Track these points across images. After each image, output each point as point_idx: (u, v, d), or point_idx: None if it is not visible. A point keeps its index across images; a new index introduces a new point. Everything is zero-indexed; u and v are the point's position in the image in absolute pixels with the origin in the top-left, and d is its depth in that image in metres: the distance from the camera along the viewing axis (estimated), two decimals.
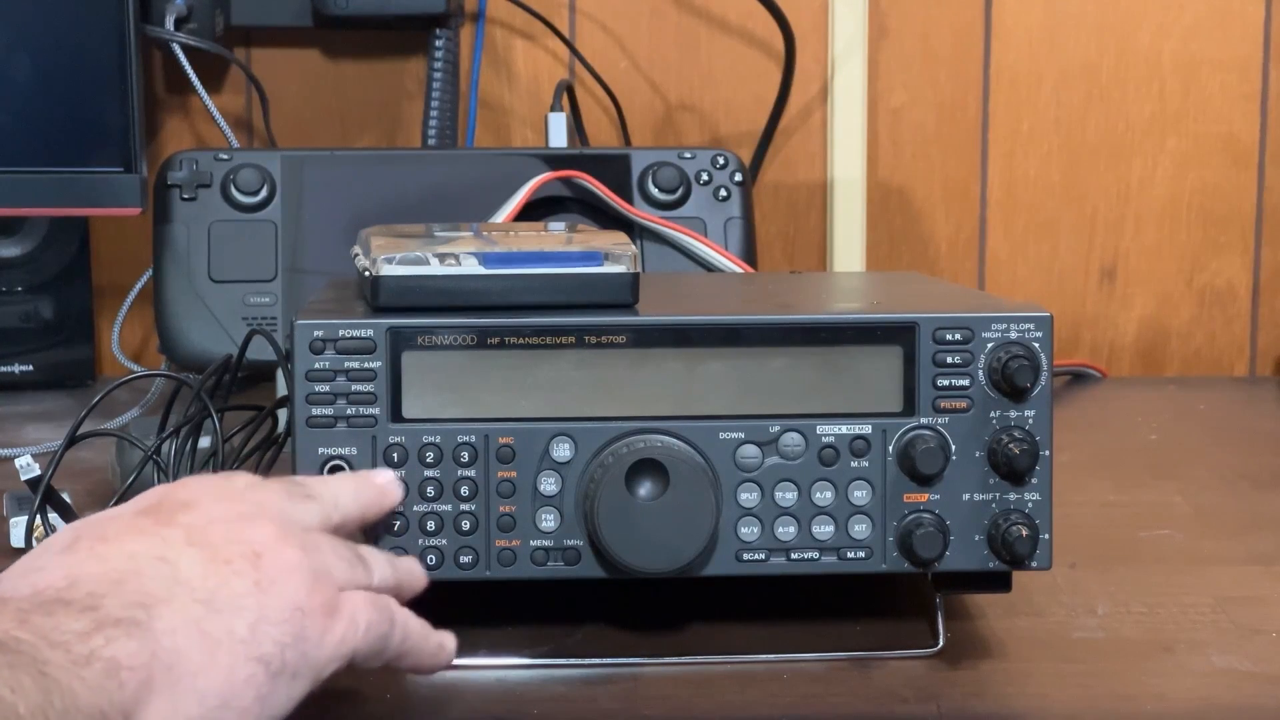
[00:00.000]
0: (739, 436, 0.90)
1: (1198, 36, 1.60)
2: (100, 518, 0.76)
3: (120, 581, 0.71)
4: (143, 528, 0.74)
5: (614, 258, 0.92)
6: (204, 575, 0.72)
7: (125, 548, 0.73)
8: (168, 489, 0.79)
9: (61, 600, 0.69)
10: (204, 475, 0.82)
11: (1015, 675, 0.91)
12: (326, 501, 0.82)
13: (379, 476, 0.88)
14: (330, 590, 0.76)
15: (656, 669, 0.91)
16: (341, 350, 0.89)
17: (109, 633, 0.68)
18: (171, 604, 0.71)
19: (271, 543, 0.75)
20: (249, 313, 1.32)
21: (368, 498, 0.86)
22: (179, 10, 1.45)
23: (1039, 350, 0.90)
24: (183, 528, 0.74)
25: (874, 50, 1.60)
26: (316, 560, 0.76)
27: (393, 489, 0.88)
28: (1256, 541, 1.12)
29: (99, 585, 0.70)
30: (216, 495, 0.78)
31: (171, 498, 0.77)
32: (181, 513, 0.76)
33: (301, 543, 0.76)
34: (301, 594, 0.74)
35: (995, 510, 0.91)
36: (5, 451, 1.30)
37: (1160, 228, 1.63)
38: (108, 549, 0.73)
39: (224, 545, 0.74)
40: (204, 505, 0.76)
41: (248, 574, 0.73)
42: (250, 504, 0.78)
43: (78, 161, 1.32)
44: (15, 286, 1.54)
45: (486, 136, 1.60)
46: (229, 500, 0.77)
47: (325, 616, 0.75)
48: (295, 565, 0.75)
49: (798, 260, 1.62)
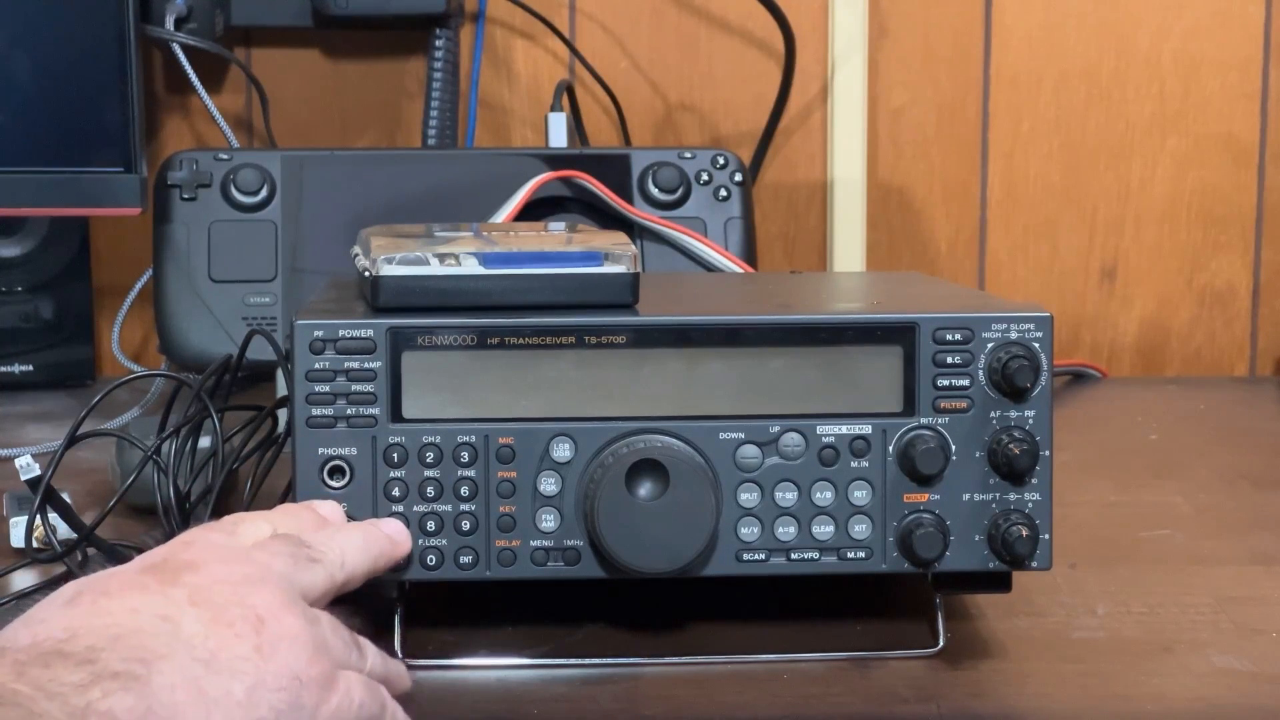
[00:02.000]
0: (739, 436, 0.90)
1: (1198, 36, 1.60)
2: (105, 574, 0.76)
3: (120, 637, 0.70)
4: (146, 585, 0.74)
5: (614, 258, 0.92)
6: (205, 635, 0.72)
7: (128, 603, 0.73)
8: (172, 547, 0.78)
9: (60, 652, 0.69)
10: (210, 531, 0.81)
11: (1015, 675, 0.91)
12: (332, 562, 0.81)
13: (388, 526, 0.88)
14: (328, 664, 0.76)
15: (656, 669, 0.91)
16: (341, 350, 0.89)
17: (106, 685, 0.68)
18: (171, 660, 0.70)
19: (275, 609, 0.75)
20: (249, 313, 1.32)
21: (376, 550, 0.85)
22: (179, 10, 1.45)
23: (1039, 350, 0.90)
24: (187, 588, 0.74)
25: (874, 50, 1.60)
26: (317, 633, 0.76)
27: (403, 539, 0.88)
28: (1256, 541, 1.12)
29: (99, 639, 0.70)
30: (222, 556, 0.77)
31: (176, 557, 0.77)
32: (186, 572, 0.75)
33: (304, 613, 0.76)
34: (301, 663, 0.74)
35: (995, 510, 0.91)
36: (5, 451, 1.30)
37: (1160, 228, 1.63)
38: (110, 604, 0.72)
39: (227, 607, 0.74)
40: (209, 566, 0.76)
41: (249, 638, 0.73)
42: (256, 566, 0.77)
43: (78, 161, 1.32)
44: (15, 286, 1.54)
45: (486, 136, 1.60)
46: (234, 562, 0.77)
47: (321, 689, 0.75)
48: (296, 634, 0.75)
49: (798, 260, 1.62)
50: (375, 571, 0.85)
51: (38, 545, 1.04)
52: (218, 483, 1.00)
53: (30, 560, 1.03)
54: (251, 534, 0.81)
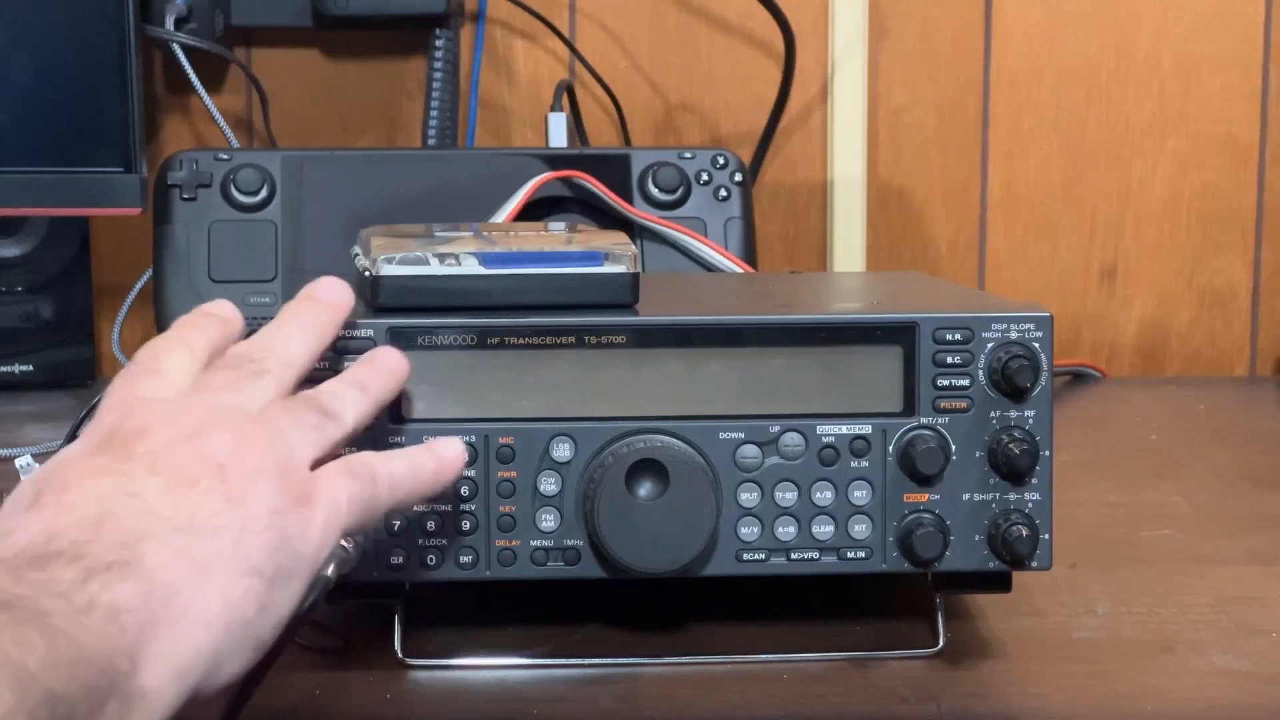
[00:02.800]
0: (739, 436, 0.90)
1: (1198, 36, 1.60)
2: (55, 465, 0.74)
3: (98, 525, 0.69)
4: (102, 467, 0.72)
5: (614, 258, 0.92)
6: (175, 503, 0.71)
7: (90, 492, 0.71)
8: (115, 420, 0.75)
9: (47, 554, 0.67)
10: (138, 380, 0.78)
11: (1015, 675, 0.91)
12: (276, 365, 0.79)
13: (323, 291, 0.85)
14: (300, 478, 0.74)
15: (656, 669, 0.91)
16: (341, 350, 0.89)
17: (103, 578, 0.67)
18: (153, 538, 0.69)
19: (232, 450, 0.73)
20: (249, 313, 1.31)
21: (319, 327, 0.83)
22: (179, 10, 1.45)
23: (1039, 350, 0.90)
24: (142, 458, 0.72)
25: (874, 50, 1.60)
26: (280, 449, 0.74)
27: (343, 299, 0.85)
28: (1256, 541, 1.12)
29: (80, 532, 0.69)
30: (165, 413, 0.75)
31: (123, 429, 0.74)
32: (136, 442, 0.73)
33: (261, 437, 0.74)
34: (274, 495, 0.73)
35: (995, 510, 0.91)
36: (5, 451, 1.30)
37: (1160, 228, 1.63)
38: (74, 496, 0.71)
39: (186, 466, 0.72)
40: (157, 429, 0.74)
41: (216, 490, 0.72)
42: (200, 411, 0.75)
43: (78, 161, 1.32)
44: (15, 286, 1.54)
45: (486, 136, 1.60)
46: (181, 416, 0.75)
47: (302, 508, 0.74)
48: (259, 468, 0.73)
49: (798, 260, 1.62)
50: (324, 346, 0.83)
51: None
52: None
53: None
54: (178, 367, 0.79)
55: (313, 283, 0.86)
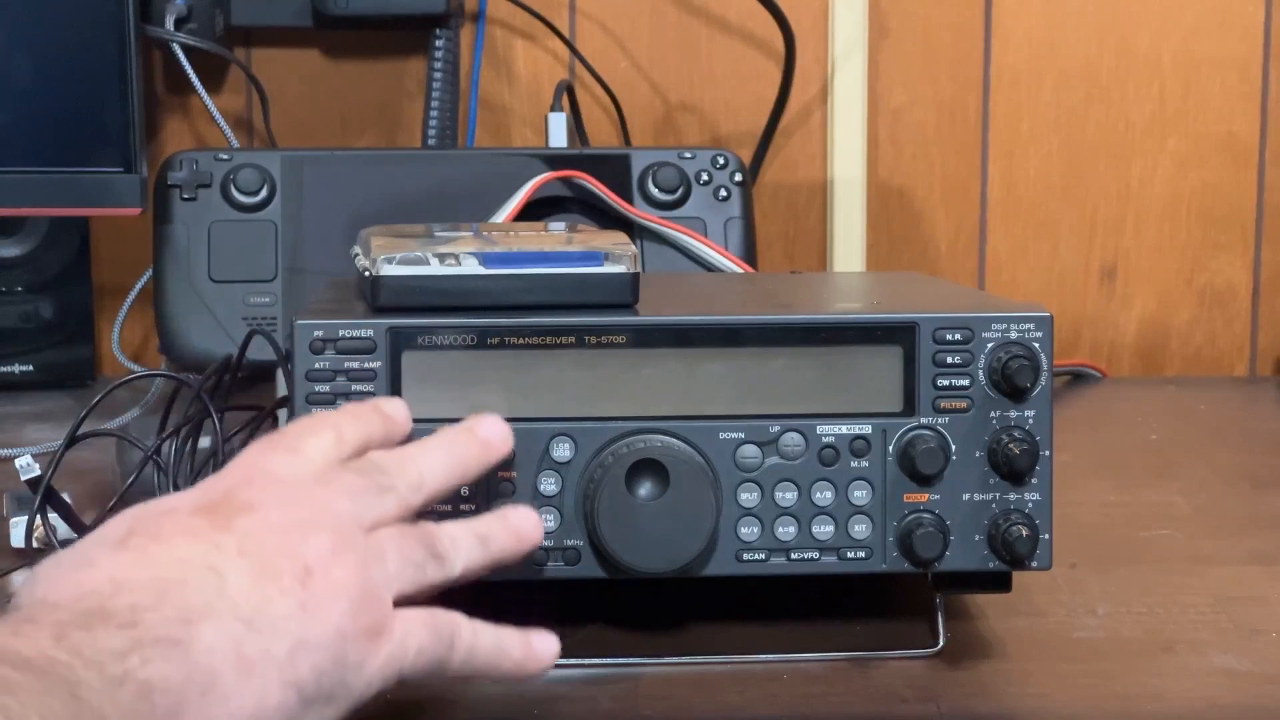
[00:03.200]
0: (739, 436, 0.90)
1: (1198, 36, 1.60)
2: (158, 510, 0.74)
3: (165, 593, 0.69)
4: (197, 530, 0.72)
5: (614, 258, 0.92)
6: (250, 591, 0.71)
7: (176, 552, 0.71)
8: (232, 481, 0.75)
9: (103, 611, 0.68)
10: (272, 452, 0.77)
11: (1015, 675, 0.91)
12: (406, 488, 0.78)
13: (482, 428, 0.83)
14: (380, 609, 0.73)
15: (656, 669, 0.91)
16: (341, 350, 0.89)
17: (146, 653, 0.67)
18: (213, 620, 0.69)
19: (326, 558, 0.73)
20: (249, 313, 1.32)
21: (465, 462, 0.81)
22: (179, 10, 1.45)
23: (1039, 350, 0.90)
24: (238, 534, 0.72)
25: (874, 50, 1.60)
26: (375, 574, 0.74)
27: (499, 441, 0.83)
28: (1256, 541, 1.12)
29: (143, 596, 0.69)
30: (279, 498, 0.75)
31: (234, 497, 0.74)
32: (240, 515, 0.73)
33: (361, 555, 0.74)
34: (346, 617, 0.72)
35: (995, 510, 0.91)
36: (5, 451, 1.30)
37: (1160, 228, 1.63)
38: (159, 551, 0.71)
39: (276, 559, 0.72)
40: (264, 510, 0.74)
41: (295, 593, 0.71)
42: (313, 508, 0.75)
43: (78, 161, 1.32)
44: (15, 286, 1.54)
45: (486, 136, 1.60)
46: (291, 504, 0.74)
47: (369, 640, 0.73)
48: (344, 585, 0.73)
49: (798, 260, 1.62)
50: (466, 481, 0.82)
51: (38, 545, 1.04)
52: None
53: (30, 560, 1.03)
54: (317, 452, 0.78)
55: (478, 417, 0.83)
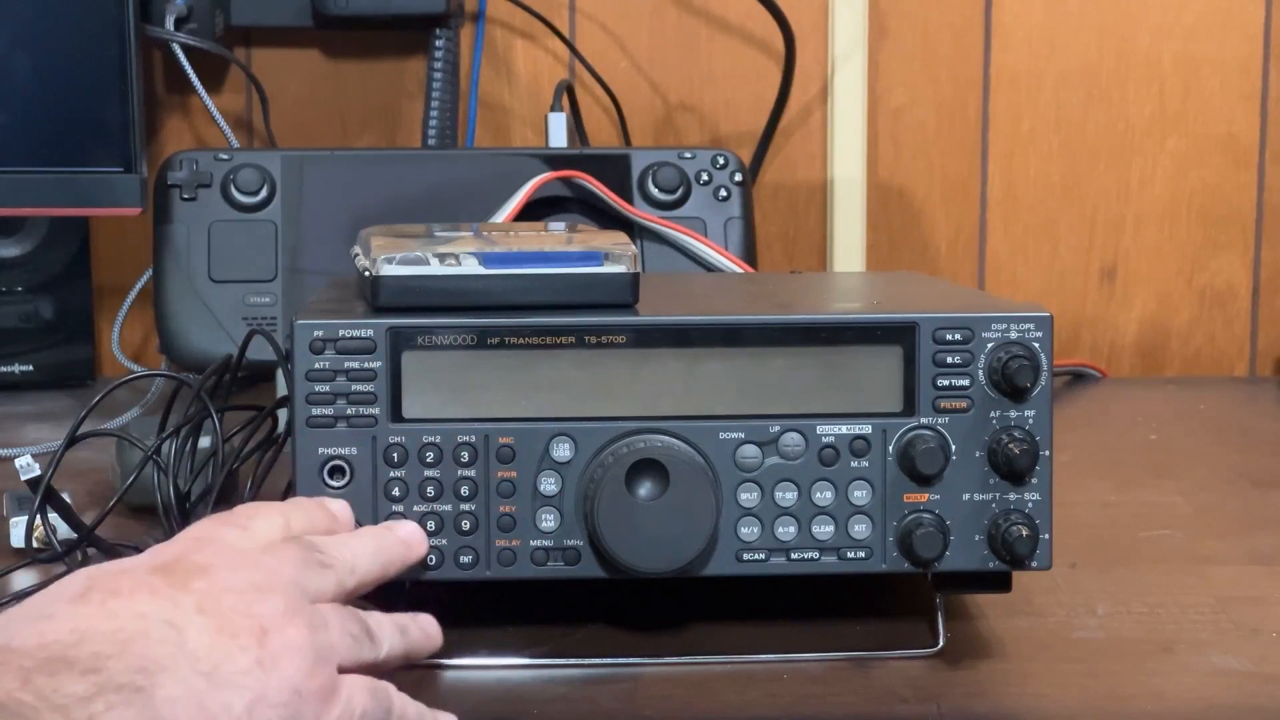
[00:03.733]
0: (739, 436, 0.90)
1: (1198, 36, 1.60)
2: (115, 569, 0.76)
3: (127, 643, 0.71)
4: (155, 588, 0.74)
5: (614, 258, 0.92)
6: (210, 647, 0.72)
7: (136, 606, 0.73)
8: (185, 546, 0.78)
9: (66, 659, 0.69)
10: (223, 525, 0.81)
11: (1015, 675, 0.91)
12: (342, 569, 0.81)
13: (401, 529, 0.87)
14: (330, 672, 0.76)
15: (656, 669, 0.91)
16: (341, 350, 0.89)
17: (110, 699, 0.68)
18: (174, 673, 0.71)
19: (279, 619, 0.75)
20: (249, 313, 1.32)
21: (390, 555, 0.85)
22: (179, 10, 1.45)
23: (1039, 350, 0.90)
24: (195, 594, 0.74)
25: (874, 50, 1.60)
26: (321, 640, 0.76)
27: (417, 544, 0.88)
28: (1256, 541, 1.12)
29: (105, 645, 0.70)
30: (232, 561, 0.77)
31: (188, 559, 0.77)
32: (196, 577, 0.75)
33: (309, 620, 0.76)
34: (301, 676, 0.74)
35: (995, 510, 0.91)
36: (5, 451, 1.30)
37: (1160, 228, 1.63)
38: (118, 605, 0.72)
39: (233, 617, 0.74)
40: (219, 573, 0.76)
41: (252, 650, 0.73)
42: (265, 573, 0.77)
43: (78, 161, 1.32)
44: (15, 286, 1.54)
45: (486, 136, 1.60)
46: (244, 568, 0.77)
47: (321, 701, 0.75)
48: (298, 646, 0.75)
49: (798, 260, 1.62)
50: (387, 577, 0.85)
51: (38, 545, 1.04)
52: (218, 483, 1.00)
53: (30, 560, 1.03)
54: (265, 531, 0.81)
55: (397, 521, 0.89)
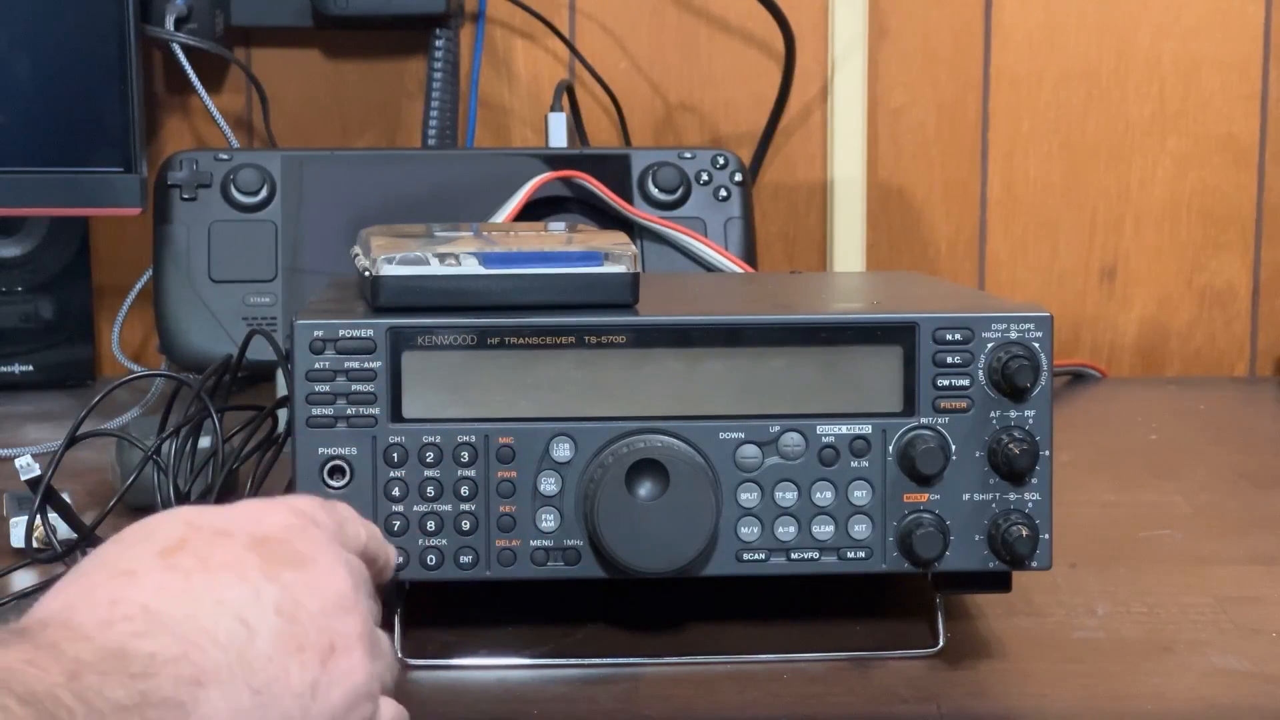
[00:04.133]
0: (739, 436, 0.90)
1: (1198, 36, 1.60)
2: (215, 526, 0.73)
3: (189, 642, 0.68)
4: (246, 570, 0.72)
5: (614, 258, 0.92)
6: (270, 658, 0.70)
7: (218, 590, 0.70)
8: (288, 525, 0.75)
9: (124, 654, 0.67)
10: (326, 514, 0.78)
11: (1015, 675, 0.91)
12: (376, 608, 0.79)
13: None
14: (372, 705, 0.74)
15: (656, 669, 0.91)
16: (341, 350, 0.89)
17: (147, 714, 0.66)
18: (225, 687, 0.69)
19: (350, 641, 0.73)
20: (249, 313, 1.32)
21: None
22: (179, 10, 1.45)
23: (1039, 350, 0.90)
24: (282, 588, 0.72)
25: (874, 50, 1.60)
26: (377, 668, 0.74)
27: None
28: (1256, 541, 1.12)
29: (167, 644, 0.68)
30: (331, 561, 0.74)
31: (289, 544, 0.74)
32: (291, 569, 0.73)
33: (371, 648, 0.74)
34: (344, 709, 0.72)
35: (995, 510, 0.91)
36: (5, 451, 1.30)
37: (1160, 228, 1.63)
38: (203, 582, 0.70)
39: (309, 628, 0.72)
40: (315, 570, 0.73)
41: (312, 669, 0.71)
42: (351, 586, 0.74)
43: (78, 161, 1.32)
44: (15, 286, 1.54)
45: (486, 136, 1.60)
46: (339, 571, 0.74)
47: None
48: (356, 675, 0.73)
49: (798, 260, 1.62)
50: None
51: (38, 545, 1.04)
52: (218, 483, 1.00)
53: (30, 560, 1.03)
54: (354, 541, 0.79)
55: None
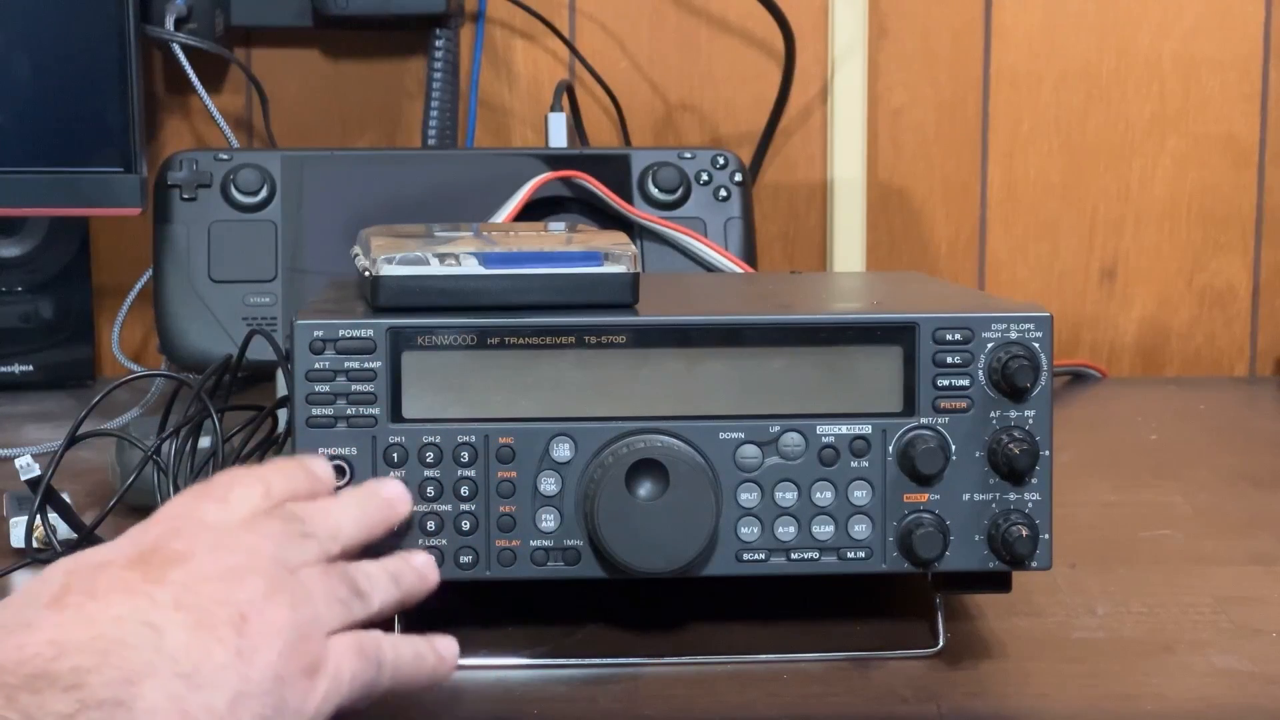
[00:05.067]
0: (739, 436, 0.90)
1: (1198, 36, 1.60)
2: (93, 562, 0.75)
3: (106, 653, 0.70)
4: (132, 585, 0.74)
5: (614, 258, 0.92)
6: (188, 645, 0.72)
7: (112, 609, 0.72)
8: (163, 532, 0.77)
9: (47, 675, 0.69)
10: (201, 501, 0.80)
11: (1015, 675, 0.91)
12: (324, 537, 0.80)
13: (385, 489, 0.86)
14: (314, 647, 0.75)
15: (656, 669, 0.91)
16: (341, 350, 0.89)
17: (91, 715, 0.68)
18: (154, 679, 0.71)
19: (259, 602, 0.74)
20: (249, 313, 1.32)
21: (373, 518, 0.84)
22: (179, 10, 1.45)
23: (1039, 350, 0.90)
24: (173, 586, 0.74)
25: (874, 50, 1.60)
26: (305, 615, 0.76)
27: (400, 502, 0.87)
28: (1256, 541, 1.12)
29: (84, 658, 0.70)
30: (210, 544, 0.76)
31: (166, 547, 0.76)
32: (174, 567, 0.75)
33: (291, 597, 0.76)
34: (282, 660, 0.74)
35: (995, 510, 0.91)
36: (5, 451, 1.30)
37: (1160, 228, 1.63)
38: (95, 609, 0.72)
39: (211, 608, 0.73)
40: (197, 559, 0.75)
41: (230, 641, 0.73)
42: (244, 552, 0.76)
43: (78, 161, 1.32)
44: (15, 286, 1.54)
45: (486, 136, 1.60)
46: (222, 550, 0.76)
47: (306, 679, 0.74)
48: (279, 628, 0.74)
49: (798, 260, 1.62)
50: (372, 539, 0.84)
51: (38, 545, 1.04)
52: None
53: (30, 560, 1.03)
54: (244, 502, 0.80)
55: (379, 480, 0.88)
